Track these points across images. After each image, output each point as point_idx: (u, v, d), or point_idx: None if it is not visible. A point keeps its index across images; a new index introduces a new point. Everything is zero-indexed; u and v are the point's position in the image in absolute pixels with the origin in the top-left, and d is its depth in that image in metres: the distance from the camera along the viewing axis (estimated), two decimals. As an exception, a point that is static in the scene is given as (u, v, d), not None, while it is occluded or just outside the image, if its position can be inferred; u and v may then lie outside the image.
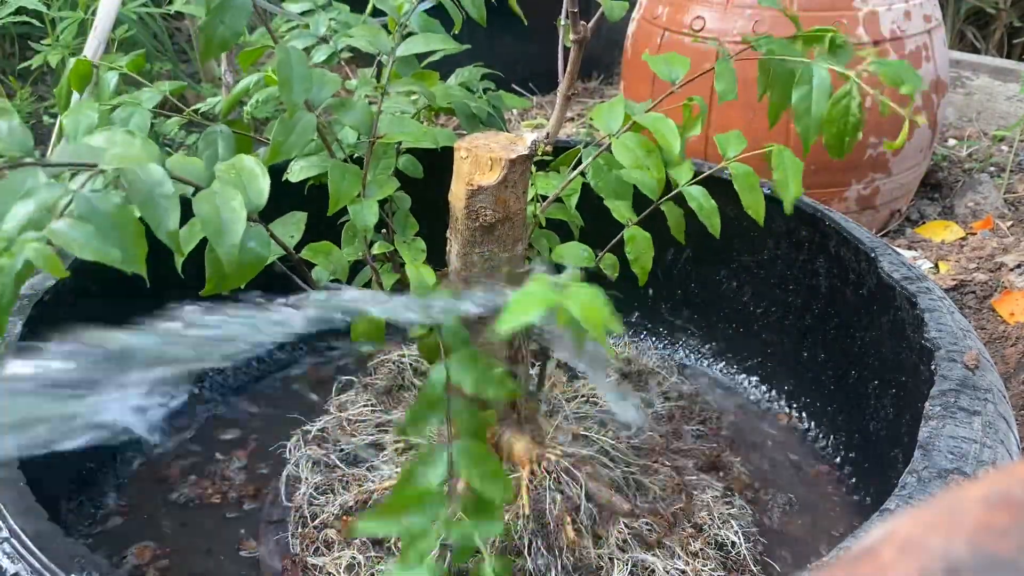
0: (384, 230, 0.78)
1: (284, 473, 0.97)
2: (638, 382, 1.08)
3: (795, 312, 1.11)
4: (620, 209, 0.76)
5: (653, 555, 0.80)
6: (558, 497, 0.80)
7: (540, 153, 0.71)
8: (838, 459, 1.03)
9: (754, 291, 1.15)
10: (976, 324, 1.30)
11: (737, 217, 0.77)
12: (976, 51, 2.54)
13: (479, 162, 0.66)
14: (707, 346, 1.22)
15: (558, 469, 0.82)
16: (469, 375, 0.56)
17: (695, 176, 0.76)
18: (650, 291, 1.22)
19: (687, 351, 1.23)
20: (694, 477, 0.93)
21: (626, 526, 0.81)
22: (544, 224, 0.80)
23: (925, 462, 0.68)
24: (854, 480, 1.00)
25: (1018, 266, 1.40)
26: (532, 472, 0.81)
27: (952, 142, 1.94)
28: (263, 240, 0.57)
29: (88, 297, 0.99)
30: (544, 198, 0.80)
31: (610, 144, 0.72)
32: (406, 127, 0.71)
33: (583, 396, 1.00)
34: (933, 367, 0.80)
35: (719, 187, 0.77)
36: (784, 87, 0.65)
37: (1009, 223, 1.61)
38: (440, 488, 0.54)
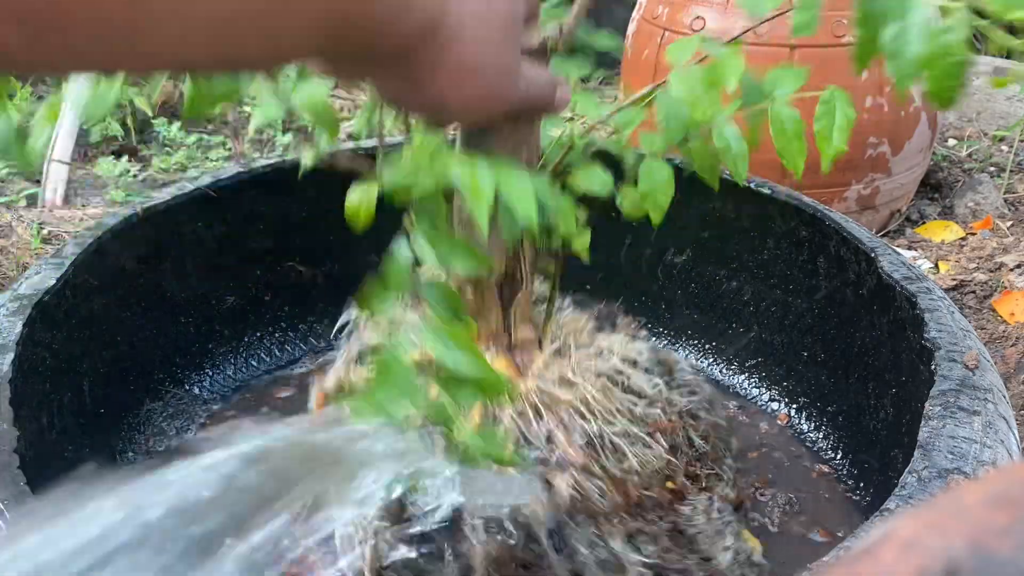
0: None
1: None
2: (662, 372, 1.02)
3: (795, 312, 1.11)
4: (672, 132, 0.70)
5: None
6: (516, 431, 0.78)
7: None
8: (838, 459, 1.03)
9: (754, 291, 1.15)
10: (976, 324, 1.30)
11: (737, 217, 0.77)
12: (976, 51, 2.54)
13: None
14: (707, 346, 1.22)
15: (526, 404, 0.79)
16: (435, 248, 0.53)
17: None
18: (650, 291, 1.22)
19: (687, 351, 1.23)
20: (692, 475, 0.92)
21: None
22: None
23: (925, 462, 0.68)
24: (854, 480, 1.00)
25: (1018, 266, 1.40)
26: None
27: (952, 142, 1.95)
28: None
29: (88, 297, 0.99)
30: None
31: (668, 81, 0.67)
32: None
33: (598, 349, 0.91)
34: (933, 367, 0.80)
35: (723, 189, 0.76)
36: (876, 26, 0.57)
37: (1009, 223, 1.61)
38: (412, 366, 0.51)
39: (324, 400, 0.91)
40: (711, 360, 1.21)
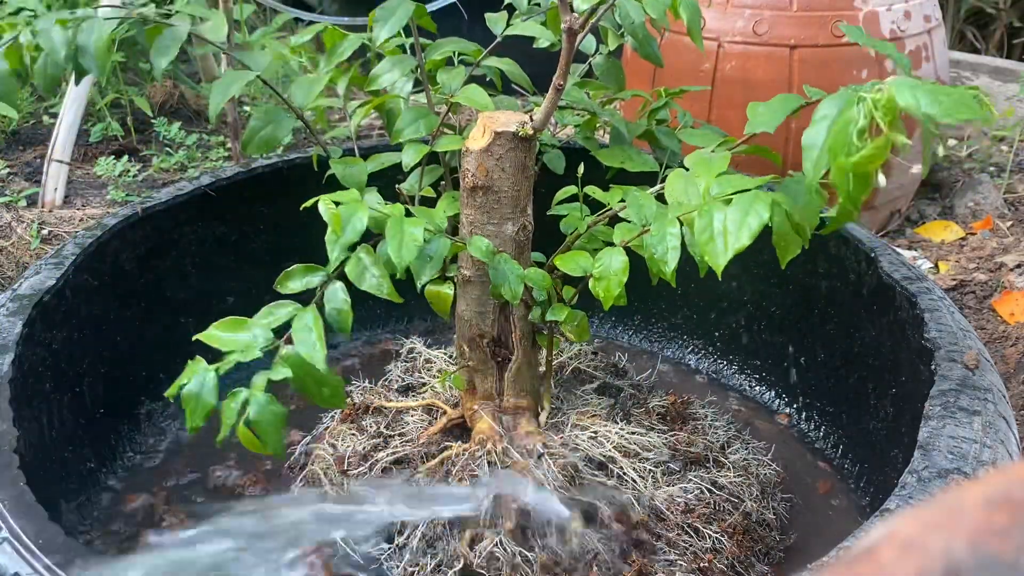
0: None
1: (286, 465, 0.97)
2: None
3: (795, 312, 1.11)
4: None
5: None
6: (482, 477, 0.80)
7: (522, 133, 0.75)
8: (838, 459, 1.03)
9: (754, 291, 1.15)
10: (976, 324, 1.30)
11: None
12: (976, 51, 2.54)
13: (482, 130, 0.76)
14: (707, 346, 1.22)
15: (484, 460, 0.81)
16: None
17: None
18: (650, 291, 1.21)
19: (687, 351, 1.23)
20: (691, 479, 0.92)
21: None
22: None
23: (925, 462, 0.68)
24: (854, 480, 1.00)
25: (1018, 266, 1.40)
26: (472, 452, 0.81)
27: (952, 142, 1.94)
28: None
29: (88, 297, 0.99)
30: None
31: None
32: (477, 95, 0.86)
33: (594, 434, 0.87)
34: (933, 367, 0.80)
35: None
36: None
37: (1009, 223, 1.61)
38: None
39: (351, 414, 0.94)
40: (711, 360, 1.21)
